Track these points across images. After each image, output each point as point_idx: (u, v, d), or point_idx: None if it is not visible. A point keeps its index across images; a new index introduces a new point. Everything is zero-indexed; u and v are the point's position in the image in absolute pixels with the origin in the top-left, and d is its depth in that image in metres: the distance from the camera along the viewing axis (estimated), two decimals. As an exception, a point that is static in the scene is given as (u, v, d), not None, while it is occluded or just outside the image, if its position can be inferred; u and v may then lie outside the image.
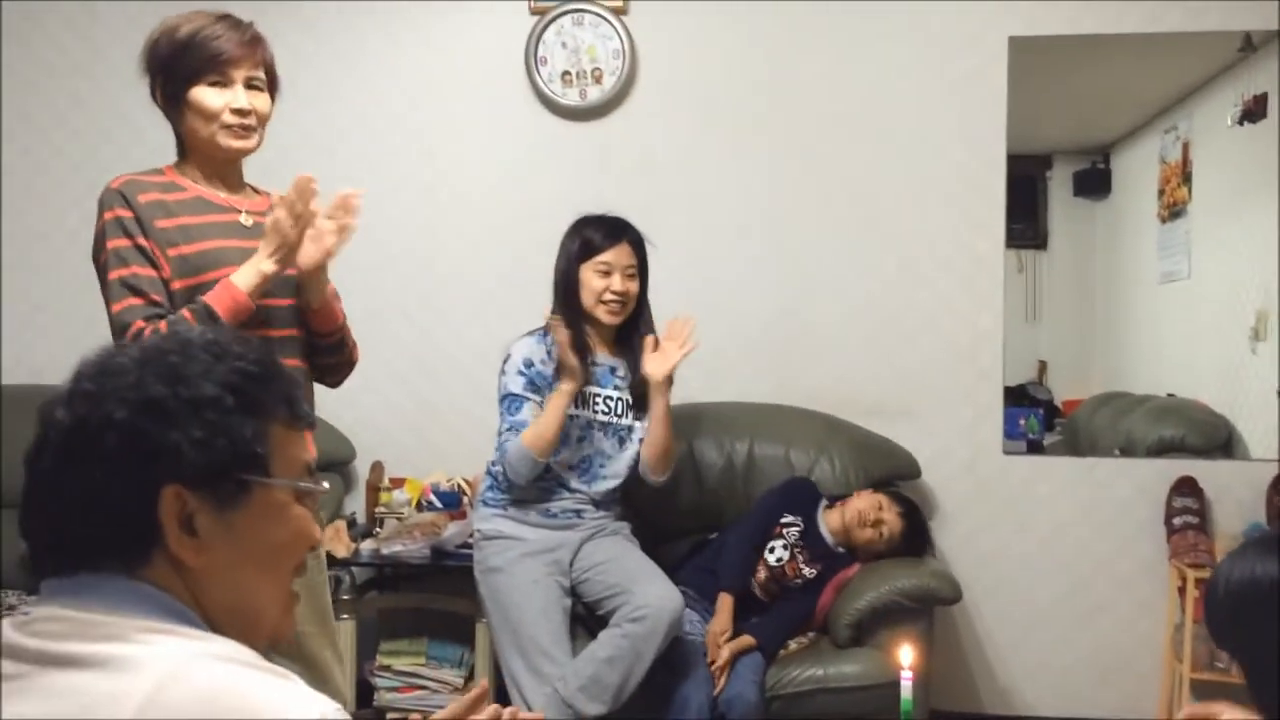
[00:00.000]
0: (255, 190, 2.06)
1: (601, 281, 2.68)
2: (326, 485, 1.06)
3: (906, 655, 1.55)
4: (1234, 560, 1.38)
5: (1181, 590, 3.15)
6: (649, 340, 2.74)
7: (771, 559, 2.80)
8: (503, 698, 2.66)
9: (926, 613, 2.65)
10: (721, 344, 3.40)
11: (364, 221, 3.36)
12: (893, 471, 3.21)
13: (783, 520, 2.84)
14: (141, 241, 1.86)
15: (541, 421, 2.61)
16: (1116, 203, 3.96)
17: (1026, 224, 3.87)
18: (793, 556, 2.79)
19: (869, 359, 3.41)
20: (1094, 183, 3.95)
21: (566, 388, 2.62)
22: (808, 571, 2.77)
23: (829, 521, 2.85)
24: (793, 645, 2.71)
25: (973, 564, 3.29)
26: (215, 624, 0.92)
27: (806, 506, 2.88)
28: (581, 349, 2.69)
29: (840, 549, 2.83)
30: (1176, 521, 3.22)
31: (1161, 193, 3.86)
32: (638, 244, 2.75)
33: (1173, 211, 3.82)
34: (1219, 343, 3.67)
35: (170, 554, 0.90)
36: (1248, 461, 3.36)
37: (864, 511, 2.81)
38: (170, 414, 0.90)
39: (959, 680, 3.33)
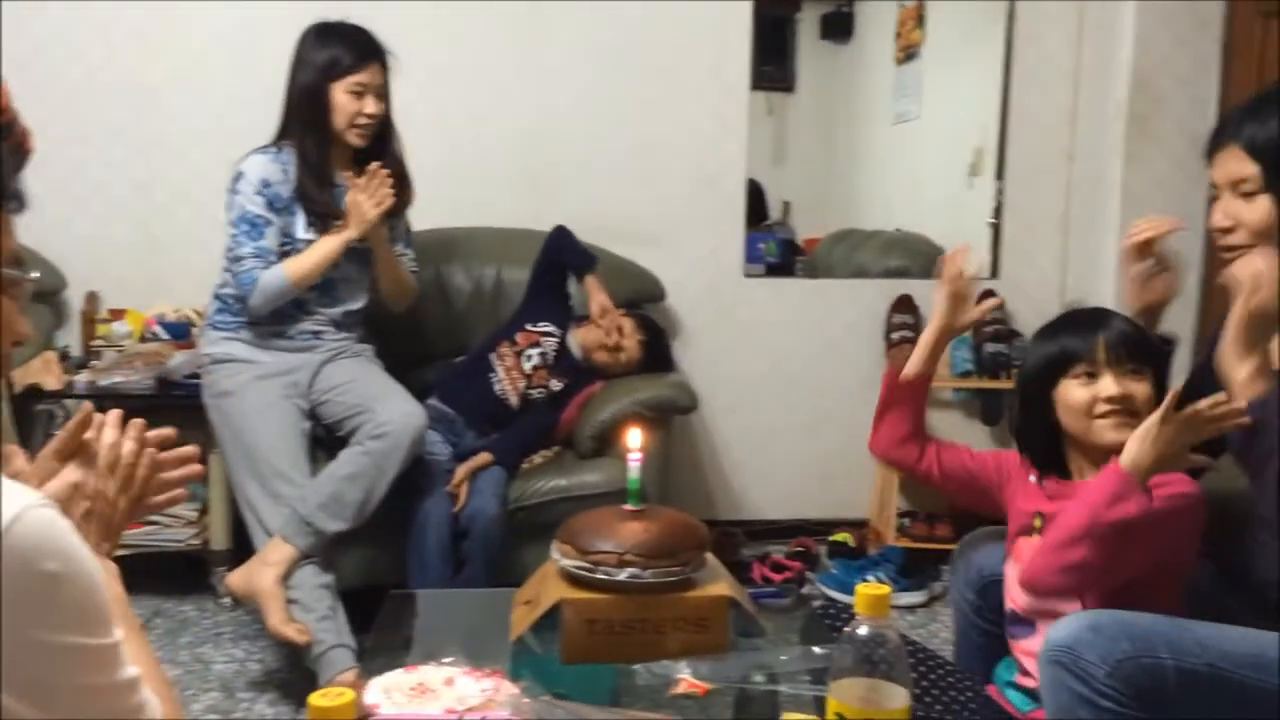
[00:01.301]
0: None
1: (355, 104, 2.53)
2: (36, 274, 0.95)
3: (634, 437, 1.61)
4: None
5: (896, 399, 3.41)
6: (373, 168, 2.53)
7: (527, 366, 2.81)
8: (240, 529, 2.59)
9: (665, 422, 2.75)
10: (469, 169, 3.33)
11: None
12: (639, 294, 3.27)
13: (544, 328, 2.86)
14: None
15: (310, 260, 2.50)
16: (859, 46, 4.10)
17: (776, 66, 3.95)
18: (545, 364, 2.82)
19: (618, 186, 3.42)
20: (839, 26, 4.07)
21: (353, 233, 2.50)
22: (554, 384, 2.81)
23: (578, 337, 2.89)
24: (537, 459, 2.75)
25: (713, 381, 3.44)
26: None
27: (563, 317, 2.91)
28: (330, 175, 2.56)
29: (586, 365, 2.88)
30: (895, 336, 3.47)
31: (898, 35, 4.01)
32: (385, 61, 2.60)
33: (908, 54, 3.99)
34: (941, 178, 3.93)
35: None
36: (958, 281, 3.64)
37: (606, 331, 2.85)
38: None
39: (698, 491, 3.52)
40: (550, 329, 2.88)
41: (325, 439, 2.60)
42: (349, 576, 2.53)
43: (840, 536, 3.38)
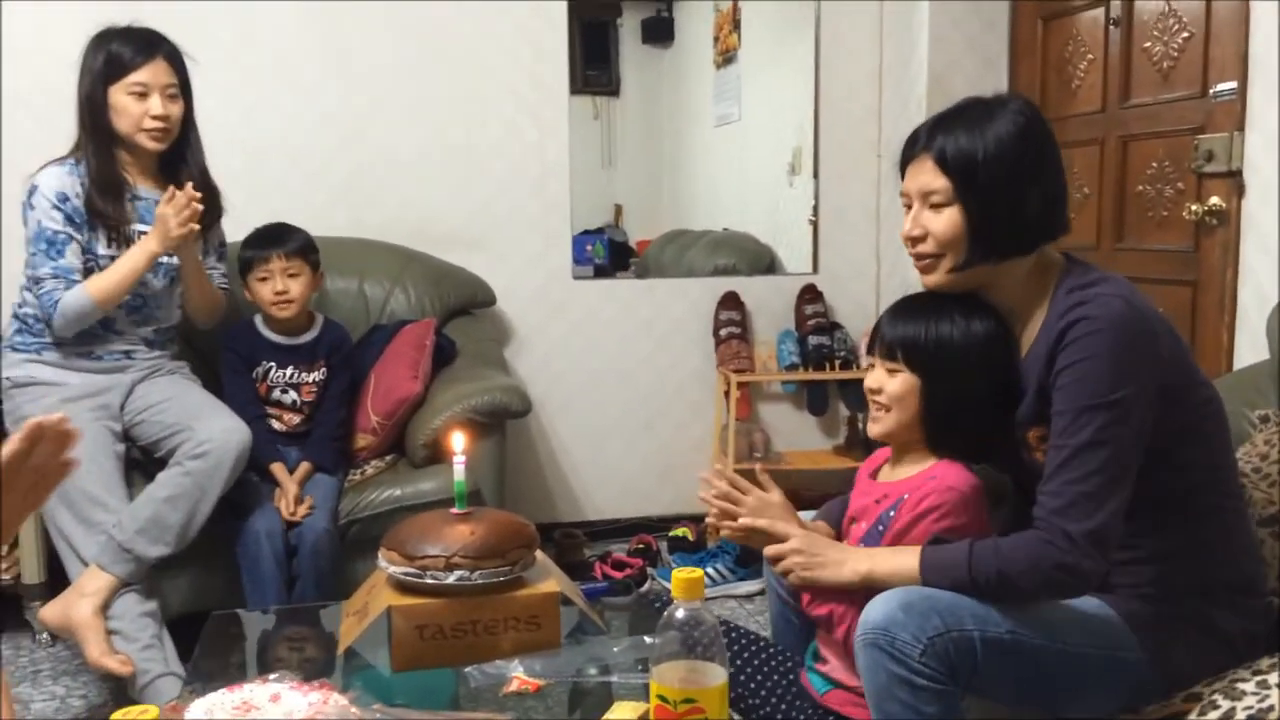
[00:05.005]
0: None
1: (139, 105, 2.41)
2: None
3: (458, 441, 1.61)
4: (910, 319, 1.63)
5: (727, 393, 3.52)
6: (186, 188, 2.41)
7: (287, 399, 2.71)
8: (55, 561, 2.46)
9: (499, 427, 2.75)
10: (285, 175, 3.26)
11: None
12: (469, 300, 3.27)
13: (270, 379, 2.71)
14: None
15: (114, 277, 2.37)
16: (679, 50, 4.18)
17: (600, 70, 3.99)
18: (294, 383, 2.71)
19: (442, 190, 3.41)
20: (660, 30, 4.13)
21: (155, 247, 2.38)
22: (314, 377, 2.71)
23: (273, 327, 2.73)
24: (370, 469, 2.71)
25: (547, 385, 3.47)
26: None
27: (254, 346, 2.72)
28: (116, 185, 2.45)
29: (303, 339, 2.74)
30: (722, 333, 3.57)
31: (716, 40, 4.12)
32: (175, 58, 2.48)
33: (726, 58, 4.10)
34: (763, 178, 4.05)
35: None
36: (779, 276, 3.78)
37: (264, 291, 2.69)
38: None
39: (538, 494, 3.53)
40: (267, 364, 2.72)
41: (143, 461, 2.50)
42: (177, 603, 2.45)
43: (679, 531, 3.45)
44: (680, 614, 1.16)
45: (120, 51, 2.42)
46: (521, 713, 1.41)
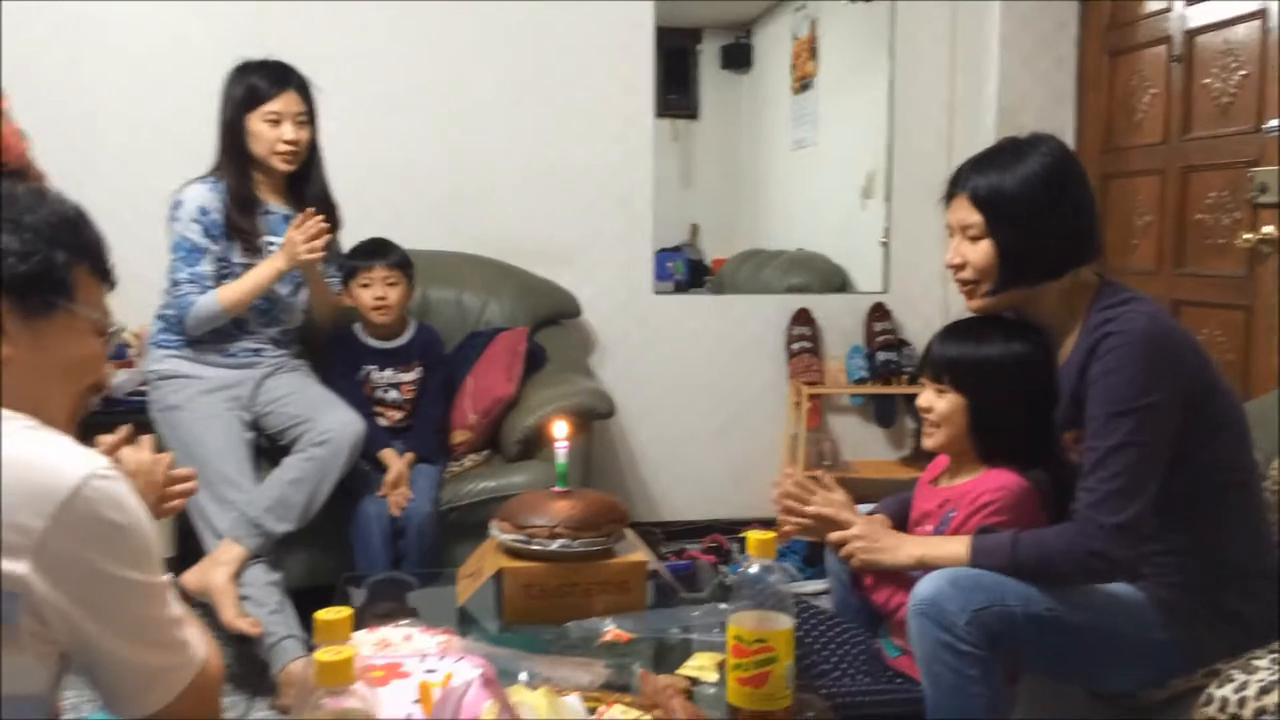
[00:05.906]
0: None
1: (273, 131, 2.70)
2: (117, 326, 1.25)
3: (560, 429, 1.84)
4: (956, 344, 1.82)
5: (798, 404, 3.71)
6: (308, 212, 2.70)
7: (389, 397, 2.95)
8: (190, 536, 2.74)
9: (585, 428, 2.97)
10: (394, 193, 3.53)
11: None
12: (557, 311, 3.51)
13: (372, 380, 2.95)
14: None
15: (243, 287, 2.67)
16: (757, 75, 4.38)
17: (680, 94, 4.21)
18: (394, 383, 2.95)
19: (533, 208, 3.66)
20: (738, 56, 4.34)
21: (282, 265, 2.67)
22: (412, 376, 2.96)
23: (371, 333, 2.98)
24: (468, 462, 2.96)
25: (628, 392, 3.68)
26: None
27: (355, 352, 2.96)
28: (251, 202, 2.74)
29: (398, 343, 2.99)
30: (795, 347, 3.76)
31: (794, 66, 4.31)
32: (304, 89, 2.77)
33: (803, 84, 4.28)
34: (837, 201, 4.22)
35: None
36: (851, 295, 3.96)
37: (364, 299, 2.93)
38: None
39: (617, 493, 3.58)
40: (367, 368, 2.96)
41: (267, 449, 2.77)
42: (293, 578, 2.69)
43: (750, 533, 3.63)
44: (754, 569, 1.37)
45: (258, 83, 2.71)
46: (613, 660, 1.62)
